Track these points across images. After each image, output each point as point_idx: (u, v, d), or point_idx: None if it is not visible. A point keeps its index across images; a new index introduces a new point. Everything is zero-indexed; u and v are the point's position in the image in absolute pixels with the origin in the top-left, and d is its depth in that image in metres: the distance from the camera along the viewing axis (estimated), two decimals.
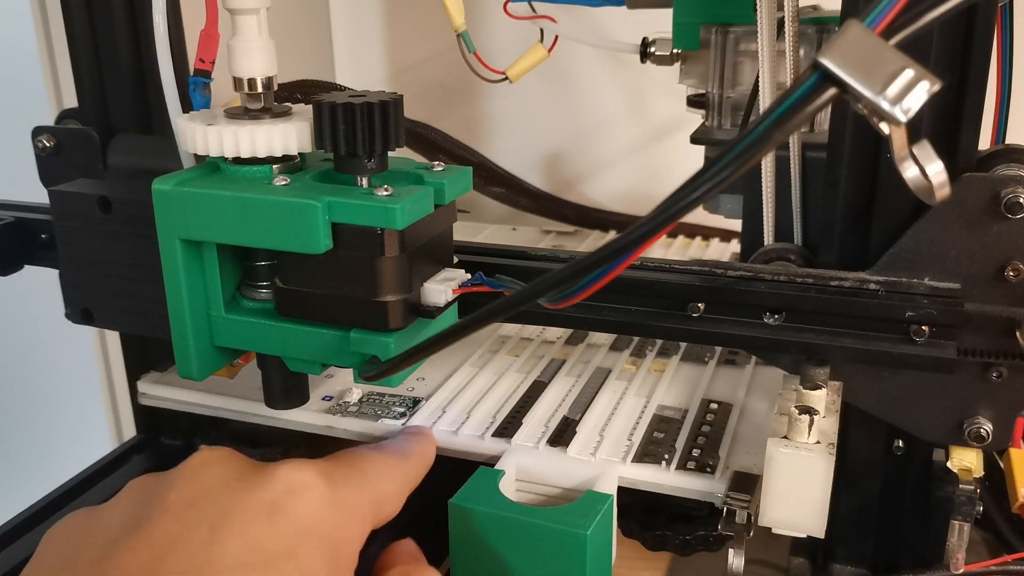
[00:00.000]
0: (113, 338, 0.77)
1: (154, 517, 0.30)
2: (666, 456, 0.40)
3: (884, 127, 0.24)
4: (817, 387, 0.35)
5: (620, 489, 0.39)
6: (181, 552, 0.29)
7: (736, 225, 0.44)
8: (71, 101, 0.47)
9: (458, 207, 0.39)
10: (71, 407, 0.91)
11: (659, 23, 0.52)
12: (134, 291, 0.40)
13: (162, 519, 0.30)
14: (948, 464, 0.37)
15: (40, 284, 0.49)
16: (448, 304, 0.37)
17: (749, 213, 0.41)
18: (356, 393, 0.46)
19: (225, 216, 0.34)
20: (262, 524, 0.30)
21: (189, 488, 0.31)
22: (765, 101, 0.40)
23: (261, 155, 0.35)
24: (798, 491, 0.34)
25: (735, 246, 0.68)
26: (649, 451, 0.41)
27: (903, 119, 0.23)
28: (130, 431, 0.55)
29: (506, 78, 0.52)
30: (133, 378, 0.50)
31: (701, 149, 0.50)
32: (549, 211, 0.74)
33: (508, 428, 0.43)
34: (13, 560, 0.43)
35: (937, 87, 0.23)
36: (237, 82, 0.36)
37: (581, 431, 0.42)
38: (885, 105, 0.23)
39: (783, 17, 0.39)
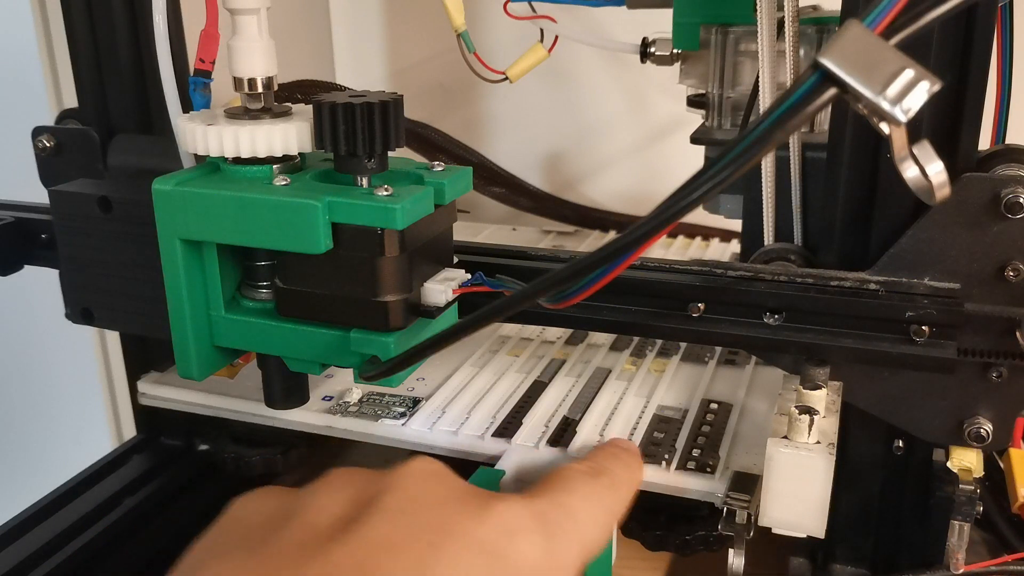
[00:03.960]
0: (113, 338, 0.77)
1: (373, 517, 0.29)
2: (666, 456, 0.40)
3: (884, 127, 0.24)
4: (817, 387, 0.35)
5: None
6: (396, 561, 0.28)
7: (736, 225, 0.44)
8: (71, 101, 0.47)
9: (458, 207, 0.39)
10: (71, 407, 0.91)
11: (659, 23, 0.52)
12: (134, 291, 0.40)
13: (381, 522, 0.29)
14: (948, 464, 0.37)
15: (40, 284, 0.49)
16: (448, 304, 0.37)
17: (749, 213, 0.41)
18: (356, 393, 0.46)
19: (225, 216, 0.34)
20: (475, 558, 0.29)
21: (408, 496, 0.31)
22: (765, 101, 0.40)
23: (261, 155, 0.35)
24: (798, 491, 0.34)
25: (735, 246, 0.68)
26: (649, 451, 0.41)
27: (903, 119, 0.23)
28: (130, 431, 0.55)
29: (506, 78, 0.52)
30: (133, 378, 0.50)
31: (701, 149, 0.50)
32: (549, 211, 0.74)
33: (508, 428, 0.43)
34: (13, 560, 0.43)
35: (937, 87, 0.23)
36: (237, 82, 0.36)
37: (581, 431, 0.42)
38: (885, 105, 0.23)
39: (783, 17, 0.39)
